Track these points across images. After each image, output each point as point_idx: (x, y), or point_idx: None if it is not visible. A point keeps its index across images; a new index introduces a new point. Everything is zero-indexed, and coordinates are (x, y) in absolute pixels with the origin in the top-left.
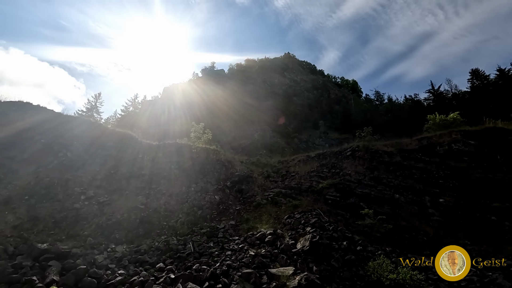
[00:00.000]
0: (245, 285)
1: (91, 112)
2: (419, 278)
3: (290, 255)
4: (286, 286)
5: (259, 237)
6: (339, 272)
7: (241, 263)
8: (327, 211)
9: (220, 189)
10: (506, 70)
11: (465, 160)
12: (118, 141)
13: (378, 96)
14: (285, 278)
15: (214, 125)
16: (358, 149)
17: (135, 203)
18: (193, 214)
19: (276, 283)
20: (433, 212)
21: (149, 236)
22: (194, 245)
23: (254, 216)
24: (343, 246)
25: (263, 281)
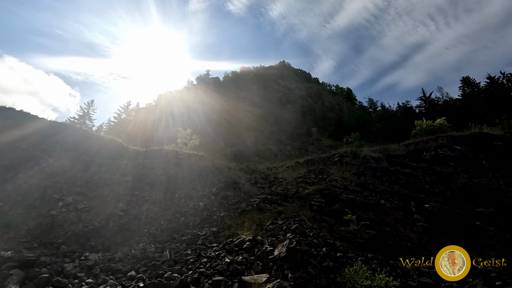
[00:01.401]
0: None
1: (83, 119)
2: (394, 284)
3: (266, 262)
4: None
5: (238, 244)
6: (316, 279)
7: (215, 270)
8: (311, 217)
9: (205, 195)
10: (495, 78)
11: (451, 165)
12: (103, 147)
13: (371, 103)
14: (257, 285)
15: (206, 132)
16: (346, 155)
17: (115, 210)
18: (176, 221)
19: None
20: (418, 218)
21: (128, 244)
22: (171, 253)
23: (238, 223)
24: (322, 253)
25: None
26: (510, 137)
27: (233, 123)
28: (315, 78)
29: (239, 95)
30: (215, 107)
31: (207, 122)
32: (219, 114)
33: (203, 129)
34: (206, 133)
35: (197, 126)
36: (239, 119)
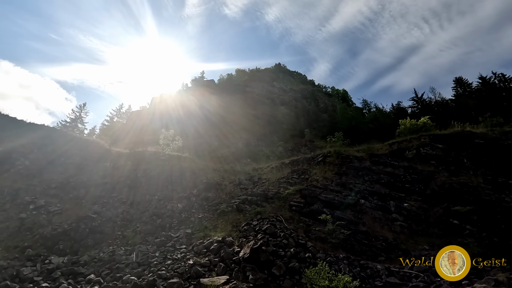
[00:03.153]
0: None
1: (75, 122)
2: (355, 285)
3: (229, 263)
4: None
5: (206, 246)
6: (279, 280)
7: (175, 272)
8: (289, 217)
9: (185, 197)
10: (487, 78)
11: (432, 164)
12: (84, 150)
13: (365, 104)
14: (213, 287)
15: (198, 133)
16: (329, 155)
17: (88, 212)
18: (152, 223)
19: None
20: (397, 217)
21: (99, 247)
22: (138, 255)
23: (214, 224)
24: (290, 253)
25: None
26: (492, 135)
27: (226, 125)
28: (310, 80)
29: (232, 97)
30: (209, 109)
31: (200, 124)
32: (212, 116)
33: (195, 130)
34: (198, 134)
35: (190, 127)
36: (232, 121)
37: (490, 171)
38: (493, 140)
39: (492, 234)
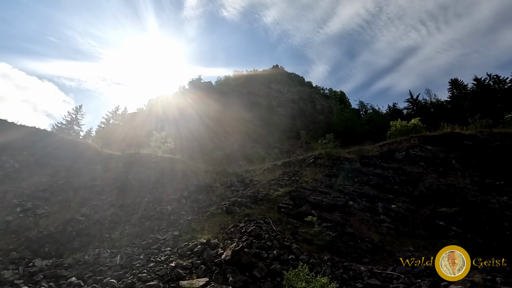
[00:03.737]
0: None
1: (71, 124)
2: (332, 286)
3: (210, 265)
4: None
5: (191, 248)
6: (260, 282)
7: (155, 275)
8: (277, 219)
9: (176, 199)
10: (482, 80)
11: (421, 165)
12: (75, 152)
13: (362, 106)
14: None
15: (194, 135)
16: (321, 157)
17: (75, 215)
18: (140, 225)
19: None
20: (384, 219)
21: (85, 249)
22: (123, 258)
23: (203, 227)
24: (272, 255)
25: None
26: (481, 137)
27: (222, 127)
28: (308, 82)
29: (229, 99)
30: (205, 111)
31: (196, 126)
32: (208, 118)
33: (191, 132)
34: (193, 136)
35: (186, 129)
36: (228, 123)
37: (478, 173)
38: (481, 141)
39: (476, 235)
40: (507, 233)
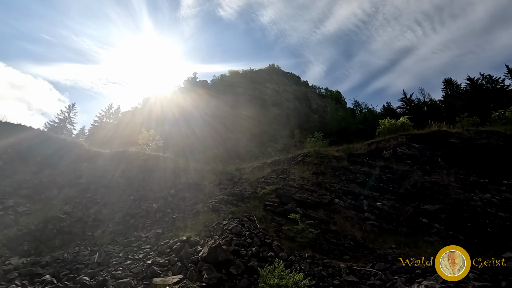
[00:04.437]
0: None
1: (63, 123)
2: (305, 283)
3: (186, 262)
4: None
5: (170, 245)
6: (236, 279)
7: (130, 272)
8: (262, 217)
9: (162, 197)
10: (475, 80)
11: (408, 163)
12: (62, 150)
13: (357, 105)
14: (161, 287)
15: (187, 134)
16: (309, 155)
17: (57, 213)
18: (124, 223)
19: None
20: (369, 216)
21: (66, 248)
22: (102, 255)
23: (187, 224)
24: (251, 253)
25: None
26: (467, 135)
27: (217, 126)
28: (304, 81)
29: (224, 98)
30: (200, 110)
31: (190, 125)
32: (202, 117)
33: (184, 131)
34: (187, 135)
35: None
36: (222, 122)
37: (463, 170)
38: (467, 139)
39: (458, 232)
40: (488, 230)
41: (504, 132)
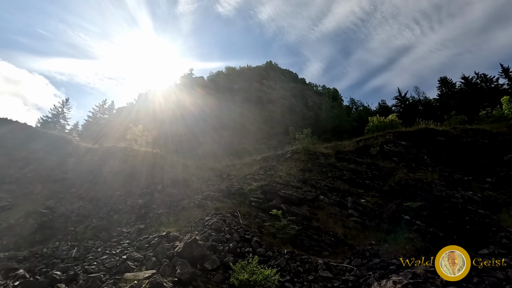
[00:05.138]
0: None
1: (57, 118)
2: (276, 278)
3: (161, 257)
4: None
5: (149, 240)
6: (210, 274)
7: (104, 267)
8: (247, 213)
9: (149, 192)
10: (470, 78)
11: (394, 160)
12: (49, 145)
13: (353, 103)
14: (131, 281)
15: (182, 131)
16: (298, 152)
17: (39, 208)
18: (108, 218)
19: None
20: (352, 213)
21: (46, 242)
22: (80, 250)
23: (171, 220)
24: (228, 248)
25: (104, 285)
26: (454, 133)
27: (211, 122)
28: (301, 78)
29: (220, 95)
30: (195, 106)
31: (185, 121)
32: (198, 113)
33: (179, 128)
34: (182, 131)
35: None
36: (216, 118)
37: (448, 168)
38: (454, 137)
39: (438, 229)
40: (467, 227)
41: (490, 130)
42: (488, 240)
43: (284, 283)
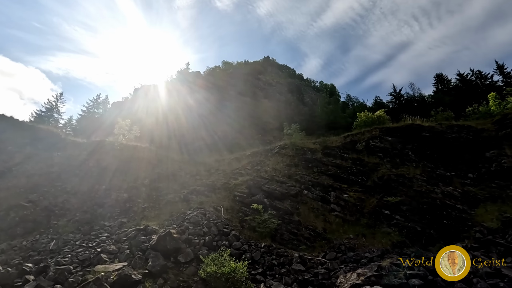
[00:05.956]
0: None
1: (51, 112)
2: (243, 270)
3: (134, 250)
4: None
5: (127, 234)
6: (183, 267)
7: (77, 259)
8: (230, 207)
9: (135, 186)
10: (465, 75)
11: (379, 156)
12: (36, 139)
13: (349, 99)
14: (99, 273)
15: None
16: (286, 147)
17: (21, 201)
18: (92, 212)
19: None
20: (334, 207)
21: (28, 236)
22: (58, 243)
23: (154, 214)
24: (203, 241)
25: (72, 277)
26: (439, 129)
27: (206, 117)
28: (299, 74)
29: (216, 89)
30: (190, 101)
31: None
32: (192, 108)
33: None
34: (176, 126)
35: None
36: (211, 113)
37: (431, 163)
38: (439, 133)
39: (416, 224)
40: (444, 222)
41: (475, 126)
42: (463, 235)
43: (255, 275)
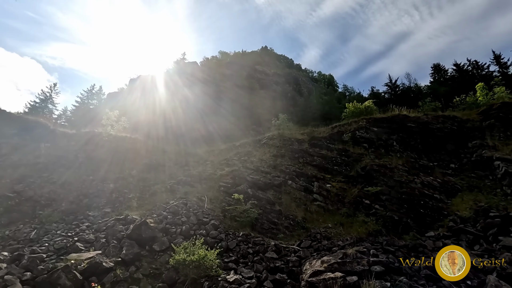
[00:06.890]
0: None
1: (45, 103)
2: (212, 258)
3: (110, 239)
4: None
5: (107, 223)
6: (157, 255)
7: (53, 248)
8: (214, 197)
9: (122, 177)
10: (461, 65)
11: (364, 146)
12: (24, 130)
13: (346, 90)
14: (71, 261)
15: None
16: (274, 137)
17: (6, 192)
18: (78, 202)
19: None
20: (317, 197)
21: (12, 226)
22: (40, 232)
23: (139, 204)
24: (180, 230)
25: (43, 265)
26: (424, 119)
27: (201, 108)
28: (297, 64)
29: (211, 80)
30: (186, 92)
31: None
32: (188, 99)
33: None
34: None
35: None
36: (207, 104)
37: (415, 154)
38: (424, 123)
39: (394, 213)
40: (421, 211)
41: (461, 117)
42: (438, 224)
43: (228, 263)
